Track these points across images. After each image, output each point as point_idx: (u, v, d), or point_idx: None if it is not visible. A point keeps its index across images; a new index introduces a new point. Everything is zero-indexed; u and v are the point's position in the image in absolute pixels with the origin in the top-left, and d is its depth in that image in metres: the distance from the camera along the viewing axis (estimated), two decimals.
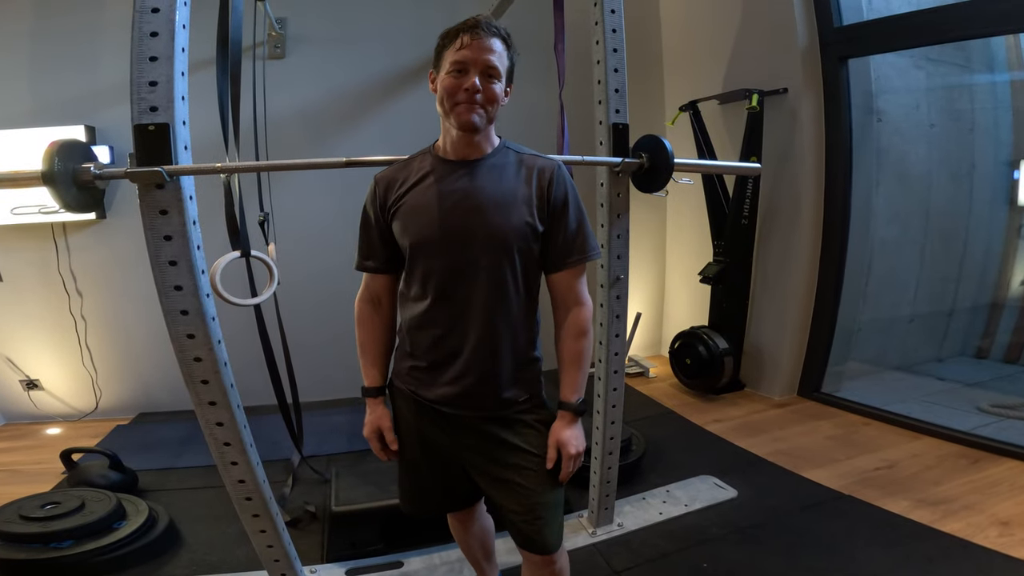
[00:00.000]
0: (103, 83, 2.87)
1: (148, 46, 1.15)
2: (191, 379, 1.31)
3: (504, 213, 1.09)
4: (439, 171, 1.13)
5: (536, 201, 1.12)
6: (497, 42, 1.07)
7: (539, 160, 1.17)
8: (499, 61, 1.07)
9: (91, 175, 1.19)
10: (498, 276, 1.10)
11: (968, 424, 2.64)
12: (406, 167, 1.17)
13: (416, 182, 1.13)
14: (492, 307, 1.10)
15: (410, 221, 1.11)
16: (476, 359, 1.12)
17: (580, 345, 1.16)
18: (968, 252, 3.61)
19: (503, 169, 1.14)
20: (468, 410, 1.15)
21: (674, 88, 3.76)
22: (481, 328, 1.11)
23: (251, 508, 1.47)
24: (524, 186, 1.12)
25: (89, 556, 1.72)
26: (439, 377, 1.15)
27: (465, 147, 1.13)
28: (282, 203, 2.93)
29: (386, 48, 3.19)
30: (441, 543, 1.88)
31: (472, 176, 1.12)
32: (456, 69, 1.05)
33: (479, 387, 1.13)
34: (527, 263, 1.13)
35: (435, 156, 1.16)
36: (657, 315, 4.13)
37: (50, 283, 3.00)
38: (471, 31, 1.05)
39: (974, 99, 3.53)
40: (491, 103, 1.08)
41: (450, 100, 1.07)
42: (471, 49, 1.04)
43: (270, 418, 2.39)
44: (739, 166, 2.87)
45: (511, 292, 1.12)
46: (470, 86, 1.04)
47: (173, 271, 1.22)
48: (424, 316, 1.13)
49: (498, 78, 1.08)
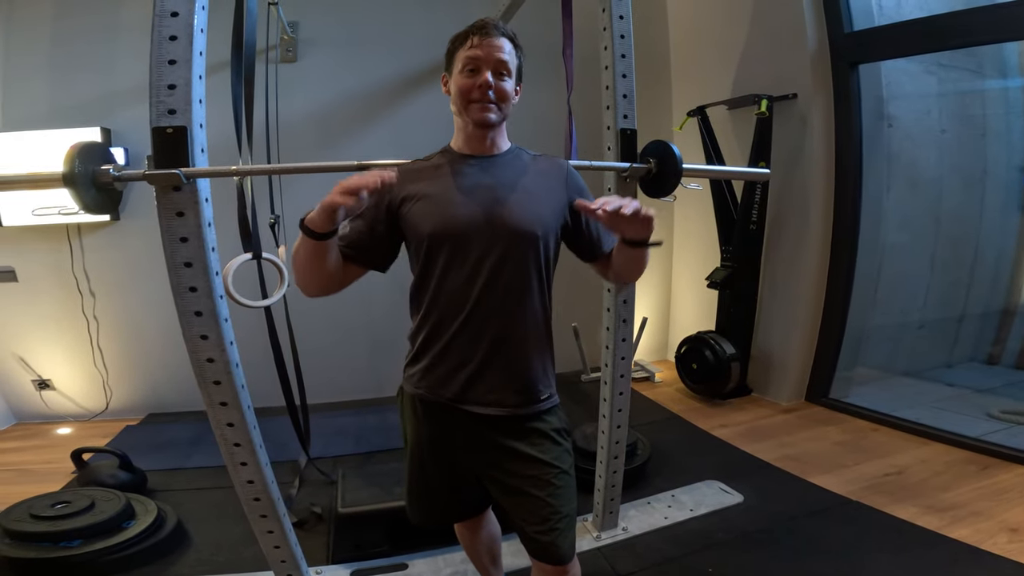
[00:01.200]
0: (119, 86, 2.92)
1: (167, 50, 1.17)
2: (203, 380, 1.33)
3: (527, 205, 1.12)
4: (458, 164, 1.15)
5: (563, 195, 1.17)
6: (506, 42, 1.11)
7: (553, 159, 1.24)
8: (509, 59, 1.11)
9: (110, 177, 1.21)
10: (523, 265, 1.11)
11: (978, 430, 2.61)
12: (422, 164, 1.19)
13: (434, 176, 1.14)
14: (515, 297, 1.11)
15: (428, 211, 1.10)
16: (499, 351, 1.11)
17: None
18: (979, 258, 3.58)
19: (520, 165, 1.18)
20: (492, 407, 1.13)
21: (682, 93, 3.77)
22: (505, 319, 1.10)
23: (259, 509, 1.48)
24: (549, 179, 1.18)
25: (98, 555, 1.74)
26: (460, 372, 1.13)
27: (481, 144, 1.16)
28: (293, 206, 2.94)
29: (397, 52, 3.22)
30: (446, 545, 1.89)
31: (492, 169, 1.14)
32: (469, 68, 1.09)
33: (503, 380, 1.13)
34: (550, 254, 1.15)
35: (452, 152, 1.18)
36: (664, 320, 4.12)
37: (64, 284, 3.04)
38: (480, 32, 1.09)
39: (986, 104, 3.50)
40: (504, 100, 1.12)
41: (464, 98, 1.10)
42: (481, 48, 1.08)
43: (278, 420, 2.40)
44: (748, 172, 2.88)
45: (533, 282, 1.13)
46: (483, 83, 1.08)
47: (188, 272, 1.24)
48: (442, 308, 1.12)
49: (509, 75, 1.12)
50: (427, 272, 1.13)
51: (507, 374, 1.13)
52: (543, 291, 1.16)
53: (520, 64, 1.16)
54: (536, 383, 1.16)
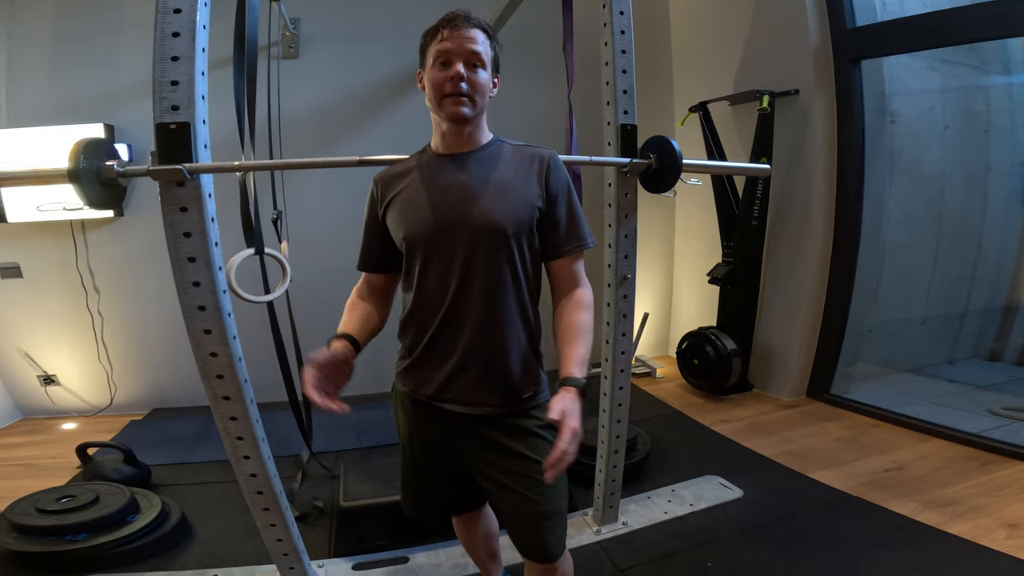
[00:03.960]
0: (122, 82, 2.93)
1: (170, 46, 1.18)
2: (207, 374, 1.34)
3: (499, 200, 1.09)
4: (433, 165, 1.14)
5: (536, 188, 1.12)
6: (478, 32, 1.08)
7: (533, 149, 1.18)
8: (482, 49, 1.08)
9: (115, 172, 1.22)
10: (495, 264, 1.08)
11: (978, 426, 2.61)
12: (402, 165, 1.19)
13: (412, 178, 1.14)
14: (490, 296, 1.09)
15: (404, 215, 1.12)
16: (476, 351, 1.10)
17: (580, 316, 1.10)
18: (982, 254, 3.57)
19: (497, 159, 1.14)
20: (471, 406, 1.12)
21: (683, 89, 3.76)
22: (480, 318, 1.09)
23: (262, 502, 1.50)
24: (522, 173, 1.13)
25: (103, 549, 1.76)
26: (438, 372, 1.13)
27: (457, 140, 1.13)
28: (295, 201, 2.97)
29: (398, 48, 3.22)
30: (447, 539, 1.90)
31: (465, 167, 1.12)
32: (440, 61, 1.07)
33: (480, 380, 1.12)
34: (524, 250, 1.12)
35: (429, 152, 1.17)
36: (665, 315, 4.13)
37: (68, 280, 3.05)
38: (450, 24, 1.07)
39: (989, 101, 3.49)
40: (478, 92, 1.08)
41: (437, 93, 1.07)
42: (452, 40, 1.06)
43: (280, 414, 2.42)
44: (748, 167, 2.87)
45: (508, 280, 1.10)
46: (455, 75, 1.05)
47: (192, 267, 1.25)
48: (422, 308, 1.13)
49: (483, 67, 1.08)
50: (409, 274, 1.15)
51: (485, 375, 1.12)
52: (520, 288, 1.12)
53: (496, 55, 1.12)
54: (516, 383, 1.14)
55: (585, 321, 1.11)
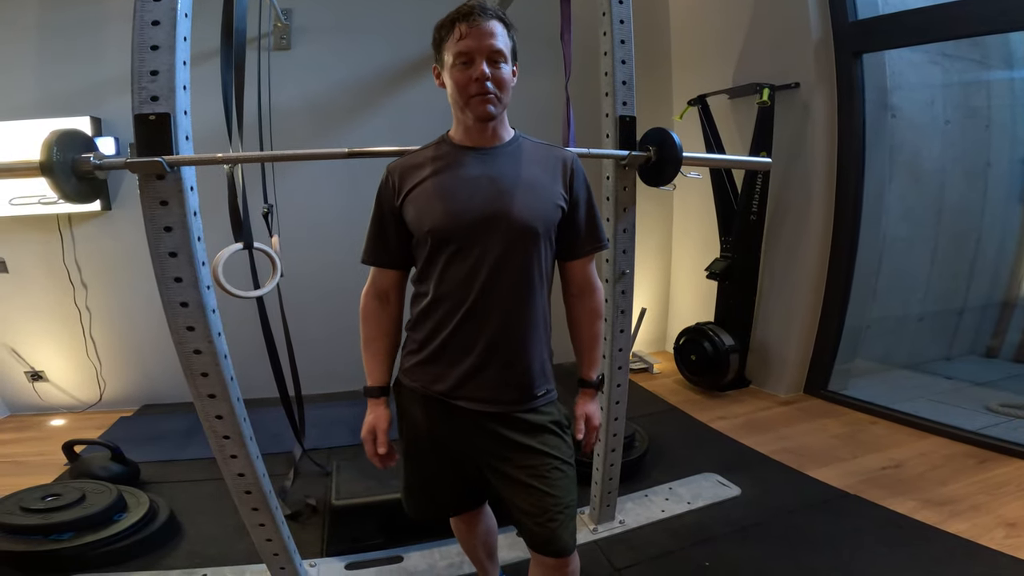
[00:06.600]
0: (108, 74, 2.87)
1: (149, 34, 1.13)
2: (190, 371, 1.30)
3: (530, 197, 1.08)
4: (458, 157, 1.11)
5: (560, 189, 1.13)
6: (496, 24, 1.04)
7: (557, 150, 1.18)
8: (502, 44, 1.05)
9: (91, 165, 1.17)
10: (525, 262, 1.08)
11: (976, 424, 2.60)
12: (421, 155, 1.15)
13: (434, 169, 1.10)
14: (517, 294, 1.08)
15: (429, 207, 1.08)
16: (497, 349, 1.09)
17: (598, 327, 1.25)
18: (981, 250, 3.56)
19: (522, 156, 1.13)
20: (486, 404, 1.11)
21: (683, 82, 3.71)
22: (505, 316, 1.08)
23: (250, 502, 1.47)
24: (548, 172, 1.13)
25: (89, 548, 1.73)
26: (455, 369, 1.11)
27: (482, 135, 1.11)
28: (286, 195, 2.91)
29: (392, 39, 3.17)
30: (441, 538, 1.88)
31: (492, 162, 1.10)
32: (462, 61, 1.03)
33: (499, 378, 1.10)
34: (548, 250, 1.13)
35: (451, 144, 1.13)
36: (662, 311, 4.10)
37: (55, 274, 3.00)
38: (467, 19, 1.02)
39: (991, 95, 3.46)
40: (503, 89, 1.07)
41: (463, 94, 1.05)
42: (472, 37, 1.02)
43: (272, 411, 2.38)
44: (748, 160, 2.84)
45: (535, 279, 1.10)
46: (480, 75, 1.02)
47: (173, 262, 1.21)
48: (443, 302, 1.10)
49: (504, 61, 1.06)
50: (428, 267, 1.11)
51: (503, 373, 1.11)
52: (543, 288, 1.13)
53: (514, 45, 1.10)
54: (533, 381, 1.14)
55: (601, 328, 1.28)
